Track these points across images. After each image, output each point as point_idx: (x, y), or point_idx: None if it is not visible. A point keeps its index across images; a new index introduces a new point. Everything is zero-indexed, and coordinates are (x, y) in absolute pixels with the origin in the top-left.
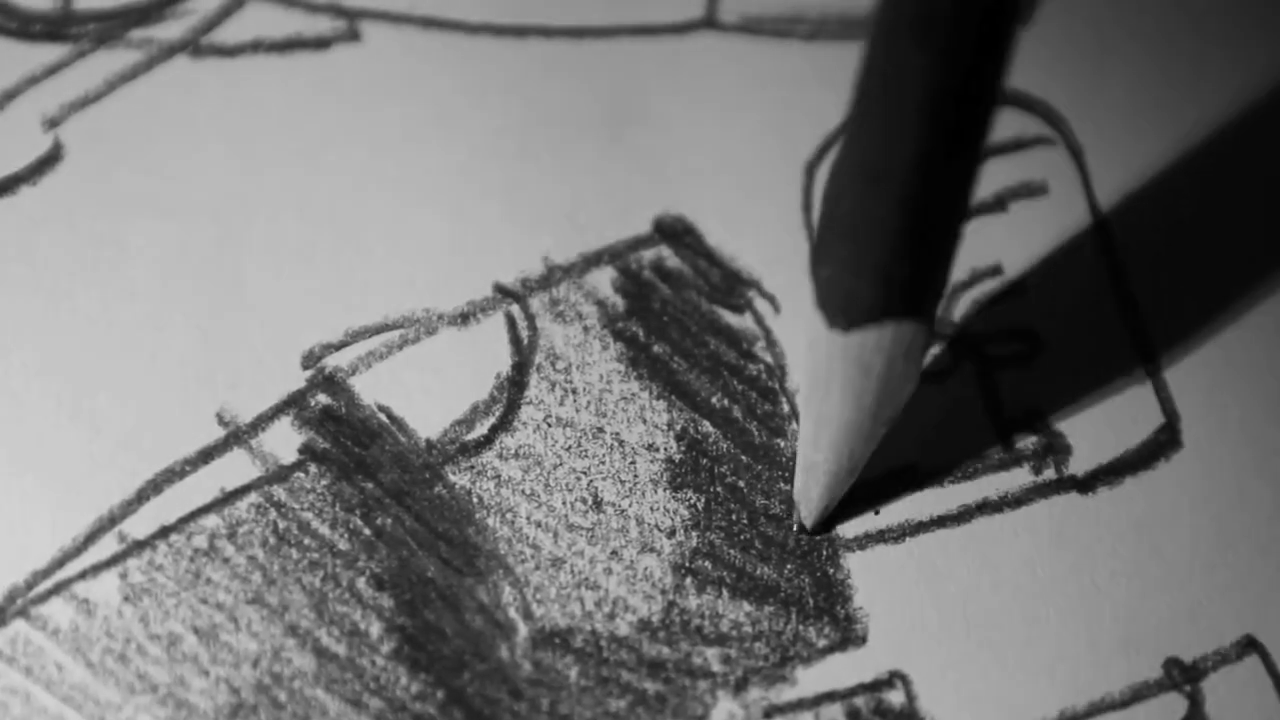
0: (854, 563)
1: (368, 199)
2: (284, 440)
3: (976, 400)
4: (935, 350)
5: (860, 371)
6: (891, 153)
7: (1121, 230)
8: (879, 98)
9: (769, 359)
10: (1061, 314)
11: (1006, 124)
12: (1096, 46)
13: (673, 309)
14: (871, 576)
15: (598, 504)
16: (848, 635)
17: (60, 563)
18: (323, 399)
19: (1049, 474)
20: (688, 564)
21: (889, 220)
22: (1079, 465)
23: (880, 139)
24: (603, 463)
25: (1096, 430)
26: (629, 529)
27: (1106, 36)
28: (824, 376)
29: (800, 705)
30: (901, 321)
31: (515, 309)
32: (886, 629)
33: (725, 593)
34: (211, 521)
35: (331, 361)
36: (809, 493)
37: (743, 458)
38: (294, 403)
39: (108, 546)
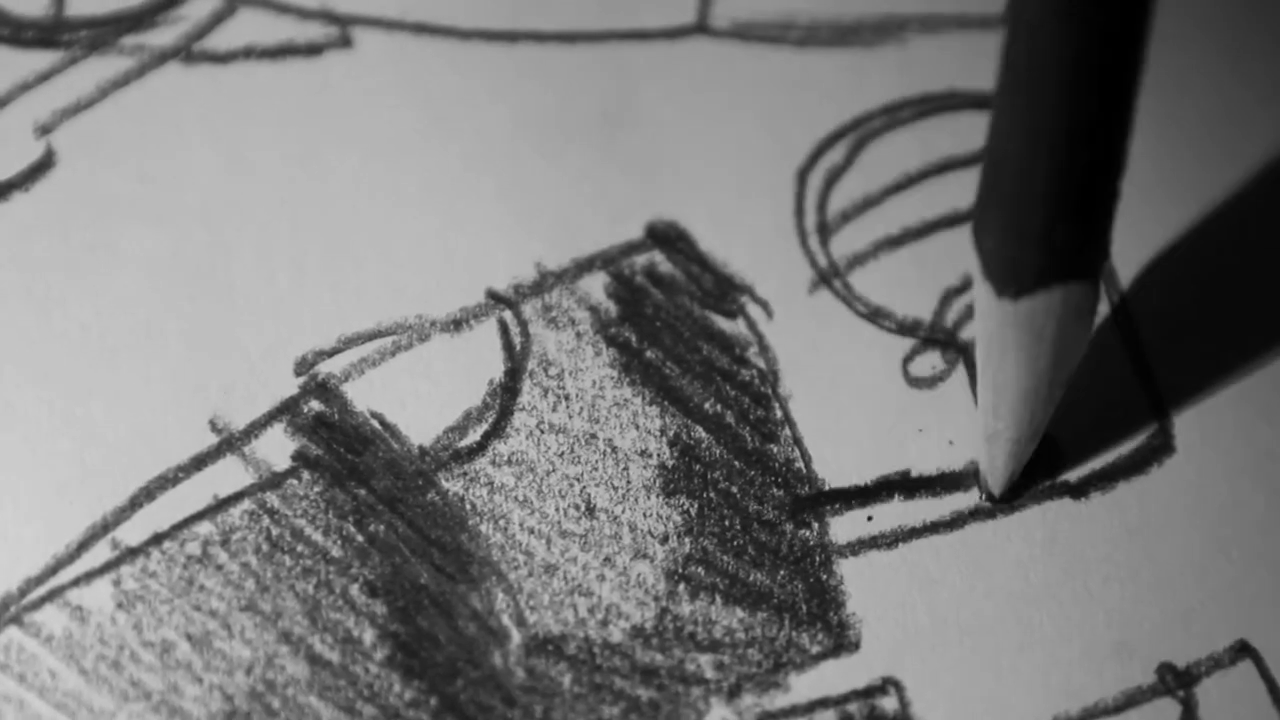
0: (847, 569)
1: (360, 205)
2: (277, 447)
3: (972, 405)
4: (930, 355)
5: (1033, 337)
6: (1045, 119)
7: (1115, 236)
8: (1027, 65)
9: (761, 364)
10: None
11: None
12: None
13: (665, 314)
14: (864, 582)
15: (590, 510)
16: (841, 641)
17: (53, 569)
18: (316, 405)
19: (1042, 480)
20: (681, 570)
21: (1049, 186)
22: (1072, 471)
23: (1033, 106)
24: (595, 469)
25: (1090, 436)
26: (622, 535)
27: None
28: (997, 345)
29: (794, 712)
30: (1070, 284)
31: (508, 315)
32: (879, 635)
33: (718, 599)
34: (205, 528)
35: (324, 368)
36: (995, 461)
37: (735, 463)
38: (287, 409)
39: (101, 553)
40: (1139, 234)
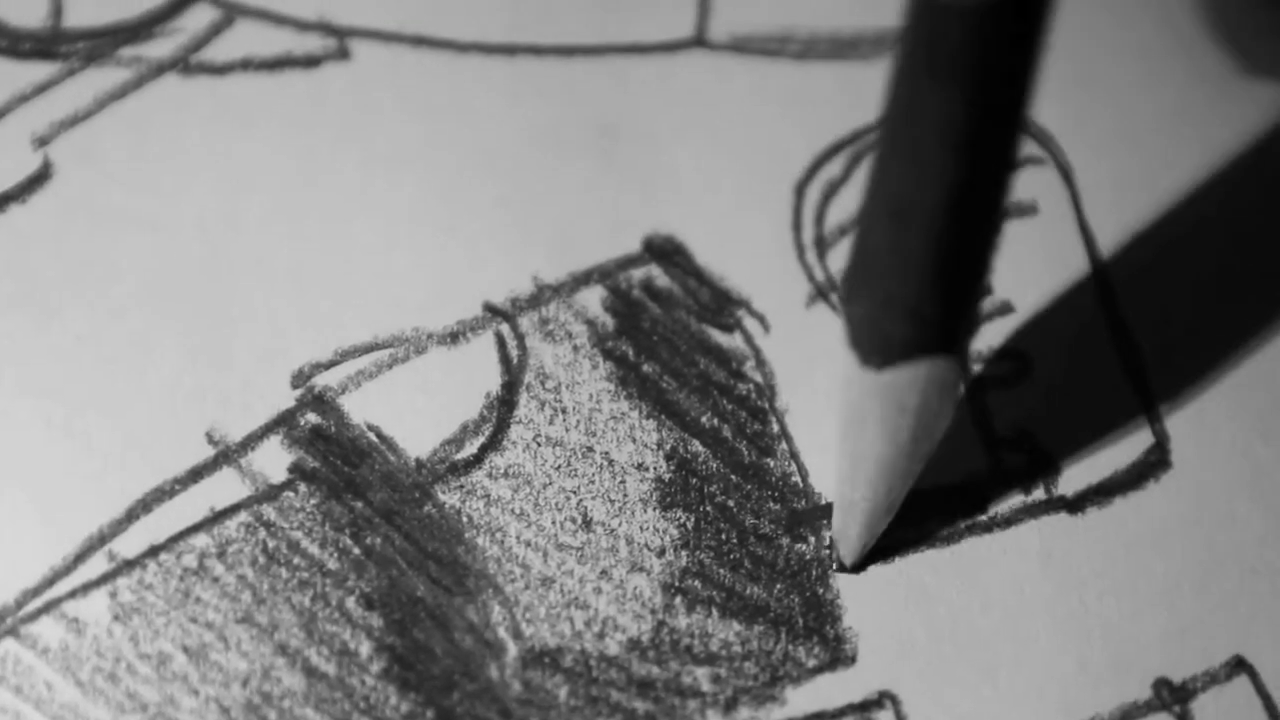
0: (843, 583)
1: (357, 217)
2: (273, 459)
3: (967, 420)
4: None
5: (895, 409)
6: (917, 190)
7: (1111, 250)
8: (902, 135)
9: (758, 378)
10: (1051, 334)
11: None
12: (1086, 65)
13: (662, 328)
14: (861, 596)
15: (587, 523)
16: (837, 655)
17: (50, 581)
18: (312, 418)
19: (1038, 494)
20: (677, 583)
21: (918, 258)
22: (1068, 486)
23: (905, 176)
24: (592, 482)
25: (1086, 451)
26: (618, 548)
27: (1095, 55)
28: (859, 415)
29: None
30: (935, 358)
31: (505, 328)
32: (876, 649)
33: (715, 612)
34: (201, 540)
35: (321, 380)
36: (848, 531)
37: (732, 477)
38: (283, 422)
39: (97, 565)
40: (1136, 249)
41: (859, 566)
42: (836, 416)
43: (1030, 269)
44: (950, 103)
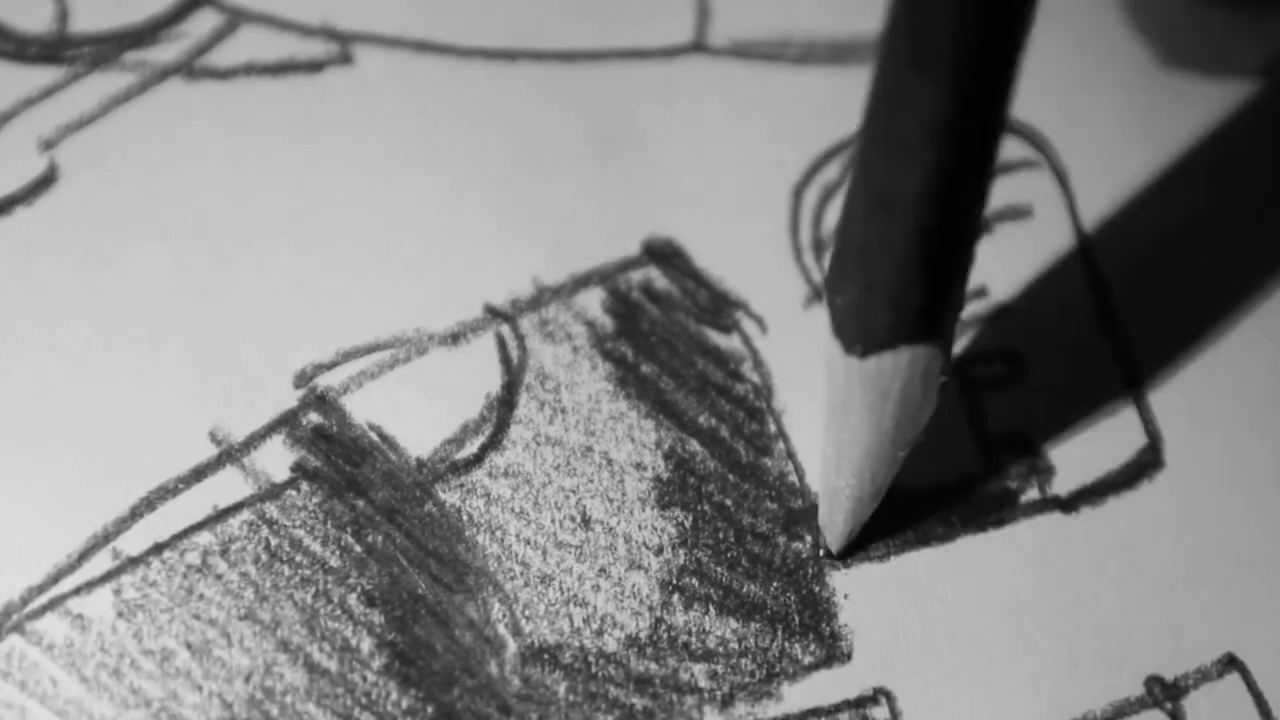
0: (839, 580)
1: (360, 220)
2: (276, 458)
3: (962, 420)
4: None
5: (878, 397)
6: (900, 180)
7: (1105, 252)
8: (885, 126)
9: (756, 379)
10: (1046, 335)
11: None
12: (1080, 69)
13: (661, 329)
14: (856, 594)
15: (586, 522)
16: (833, 652)
17: (55, 579)
18: (314, 418)
19: (1032, 494)
20: (675, 581)
21: (901, 246)
22: (1062, 485)
23: (888, 167)
24: (591, 481)
25: (1080, 450)
26: (617, 546)
27: (1090, 59)
28: (842, 403)
29: None
30: (917, 346)
31: (505, 329)
32: (871, 646)
33: (712, 609)
34: (204, 538)
35: (323, 381)
36: (834, 519)
37: (730, 476)
38: (286, 421)
39: (102, 563)
40: (1131, 250)
41: (845, 555)
42: (821, 406)
43: (1026, 271)
44: (934, 92)
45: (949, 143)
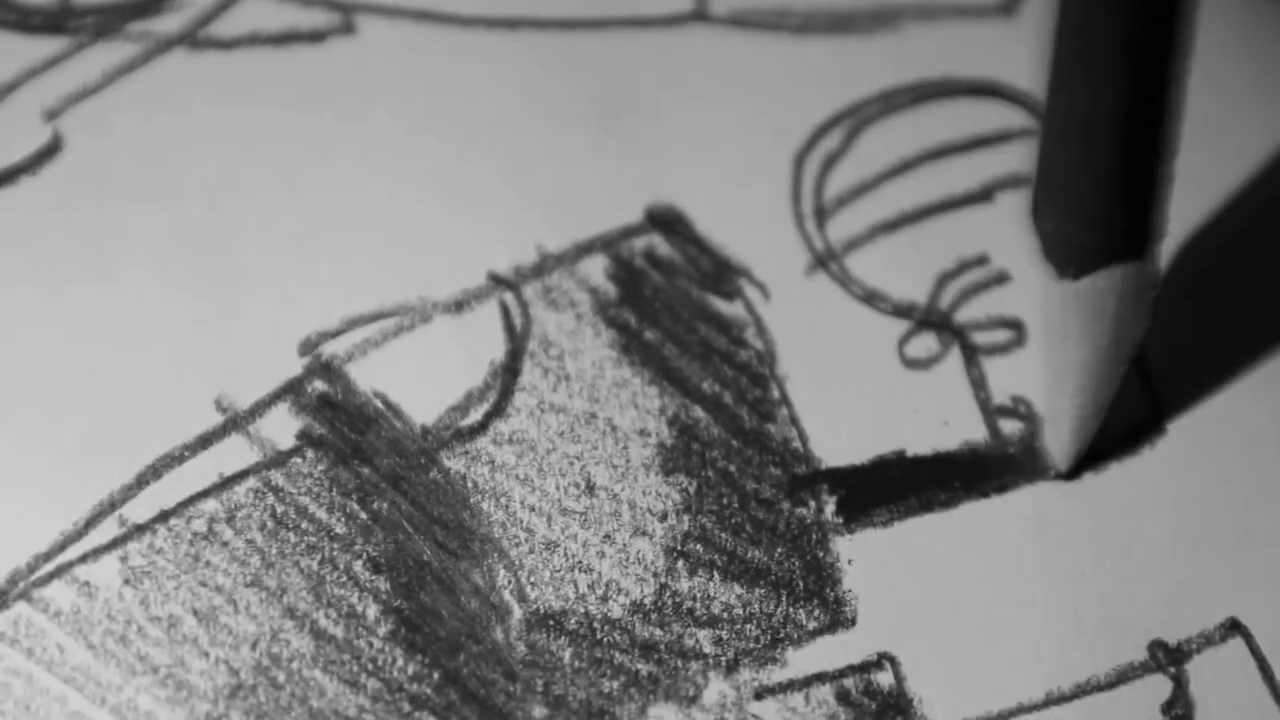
0: (843, 546)
1: (363, 189)
2: (281, 426)
3: (964, 387)
4: (925, 338)
5: (1094, 316)
6: (1100, 103)
7: None
8: (1081, 52)
9: (759, 345)
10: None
11: (991, 116)
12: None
13: (664, 296)
14: (860, 560)
15: (590, 488)
16: (837, 617)
17: (61, 546)
18: (320, 386)
19: (1035, 460)
20: (679, 547)
21: (1105, 167)
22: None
23: (1087, 91)
24: (595, 448)
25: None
26: (621, 513)
27: None
28: (1059, 325)
29: (790, 686)
30: (1129, 263)
31: (509, 296)
32: (875, 611)
33: (716, 575)
34: (210, 506)
35: (328, 349)
36: (1061, 439)
37: (733, 442)
38: (291, 389)
39: (108, 530)
40: None
41: (1074, 472)
42: (1039, 329)
43: (1026, 239)
44: (1126, 15)
45: (1143, 61)
